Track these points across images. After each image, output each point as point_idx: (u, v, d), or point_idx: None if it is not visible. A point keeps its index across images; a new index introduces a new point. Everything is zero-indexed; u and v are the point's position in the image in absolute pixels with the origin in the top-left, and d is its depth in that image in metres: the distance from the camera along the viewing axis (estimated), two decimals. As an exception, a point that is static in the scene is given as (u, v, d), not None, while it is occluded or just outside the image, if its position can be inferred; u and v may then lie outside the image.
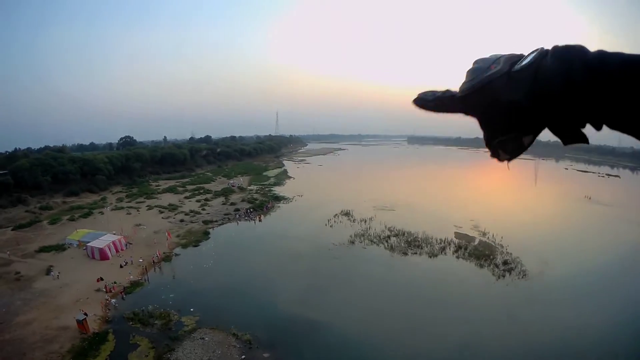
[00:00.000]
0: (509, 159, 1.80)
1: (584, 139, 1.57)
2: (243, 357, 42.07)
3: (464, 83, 1.73)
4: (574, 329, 47.46)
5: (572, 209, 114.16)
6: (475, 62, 1.76)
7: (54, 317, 46.15)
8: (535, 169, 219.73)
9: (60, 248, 69.79)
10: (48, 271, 60.34)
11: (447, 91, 1.79)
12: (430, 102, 1.82)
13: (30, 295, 52.27)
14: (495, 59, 1.69)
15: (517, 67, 1.58)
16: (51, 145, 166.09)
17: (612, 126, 1.44)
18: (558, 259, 70.50)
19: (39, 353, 39.66)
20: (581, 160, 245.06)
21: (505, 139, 1.70)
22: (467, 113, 1.78)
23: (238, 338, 45.30)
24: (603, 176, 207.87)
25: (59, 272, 59.25)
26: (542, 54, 1.53)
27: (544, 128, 1.62)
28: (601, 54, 1.39)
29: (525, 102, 1.54)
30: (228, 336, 45.71)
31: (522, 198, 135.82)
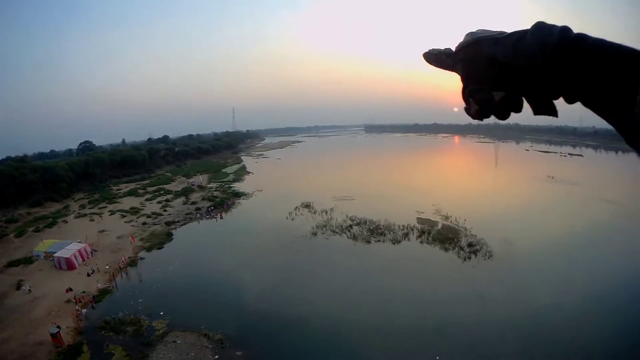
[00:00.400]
0: (479, 113, 1.77)
1: (553, 112, 1.66)
2: (216, 357, 41.71)
3: (460, 42, 1.84)
4: (543, 307, 47.95)
5: (536, 189, 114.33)
6: (477, 30, 1.82)
7: (29, 333, 44.82)
8: (496, 152, 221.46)
9: (28, 261, 67.48)
10: (18, 286, 58.29)
11: (447, 49, 1.89)
12: (433, 56, 1.91)
13: (3, 312, 50.64)
14: (498, 32, 1.75)
15: (504, 35, 1.66)
16: (12, 156, 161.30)
17: (585, 104, 1.52)
18: (523, 239, 71.08)
19: None
20: (542, 141, 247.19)
21: (477, 88, 1.74)
22: (454, 69, 1.84)
23: (210, 338, 44.89)
24: (565, 156, 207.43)
25: (30, 286, 57.37)
26: (528, 30, 1.56)
27: (516, 91, 1.68)
28: (580, 37, 1.44)
29: (502, 58, 1.62)
30: (200, 337, 45.19)
31: (484, 180, 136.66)
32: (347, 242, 76.85)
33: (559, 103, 1.60)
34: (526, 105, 1.67)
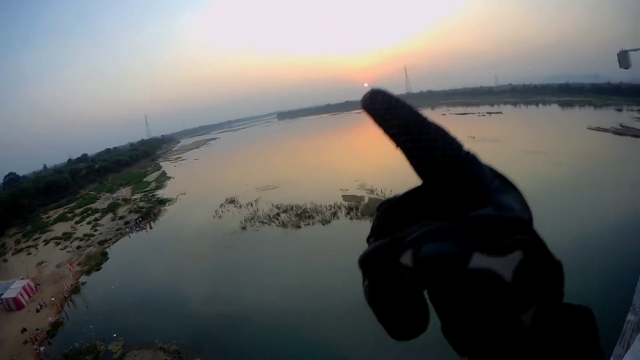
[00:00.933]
0: None
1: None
2: (177, 368, 43.22)
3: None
4: None
5: None
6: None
7: None
8: None
9: None
10: None
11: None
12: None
13: None
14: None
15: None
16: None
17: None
18: None
19: None
20: (458, 104, 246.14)
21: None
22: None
23: (166, 351, 45.77)
24: (484, 115, 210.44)
25: None
26: None
27: None
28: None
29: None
30: (156, 352, 46.04)
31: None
32: (277, 231, 78.41)
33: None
34: None
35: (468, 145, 0.89)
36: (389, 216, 1.03)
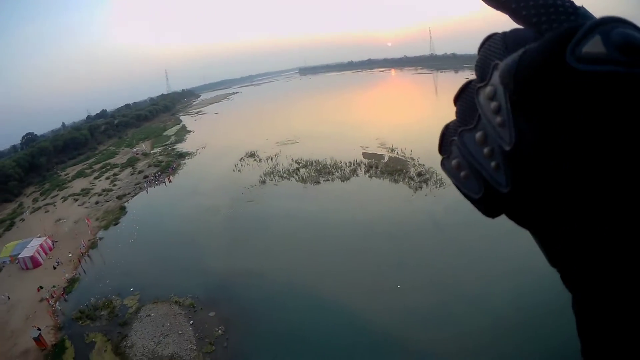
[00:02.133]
0: None
1: None
2: (191, 322, 42.53)
3: None
4: (501, 229, 48.28)
5: None
6: None
7: (12, 345, 44.31)
8: (435, 82, 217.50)
9: None
10: None
11: None
12: None
13: None
14: None
15: None
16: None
17: None
18: None
19: None
20: None
21: None
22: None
23: (181, 305, 45.55)
24: None
25: (7, 295, 55.67)
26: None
27: None
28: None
29: None
30: (171, 305, 45.84)
31: (425, 110, 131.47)
32: (296, 185, 77.61)
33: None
34: None
35: None
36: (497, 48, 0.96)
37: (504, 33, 0.97)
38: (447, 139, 1.19)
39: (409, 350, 33.99)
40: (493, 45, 0.97)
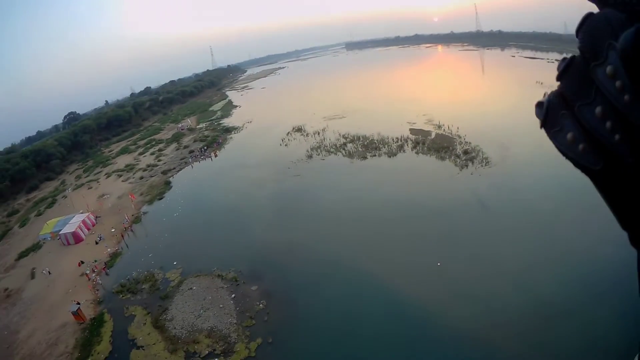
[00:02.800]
0: None
1: None
2: (233, 295, 42.29)
3: None
4: (544, 213, 46.99)
5: (525, 94, 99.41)
6: None
7: (51, 319, 44.70)
8: (481, 59, 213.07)
9: (36, 247, 66.60)
10: (33, 275, 57.53)
11: None
12: None
13: (24, 306, 50.01)
14: None
15: None
16: (0, 149, 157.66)
17: None
18: (518, 144, 69.07)
19: None
20: (527, 47, 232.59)
21: None
22: None
23: (223, 278, 45.53)
24: (552, 62, 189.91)
25: (48, 269, 56.55)
26: None
27: None
28: None
29: None
30: (214, 279, 45.86)
31: (472, 88, 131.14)
32: (343, 160, 77.27)
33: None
34: None
35: (536, 90, 1.06)
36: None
37: (604, 13, 1.06)
38: (555, 112, 1.24)
39: (444, 326, 33.53)
40: (598, 25, 1.05)
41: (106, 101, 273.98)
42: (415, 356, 31.27)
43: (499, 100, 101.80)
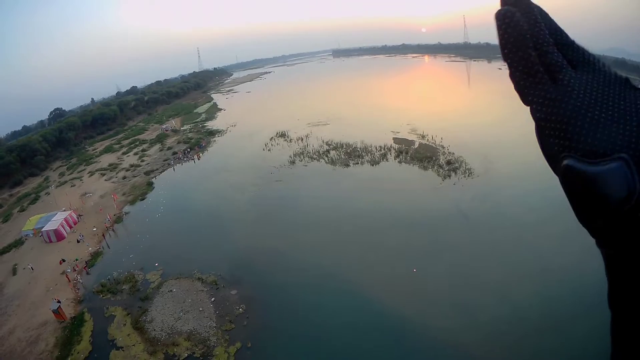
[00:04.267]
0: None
1: None
2: (213, 299, 42.65)
3: None
4: (527, 225, 47.80)
5: (511, 107, 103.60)
6: None
7: (32, 316, 44.47)
8: (468, 70, 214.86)
9: (18, 243, 65.67)
10: (14, 271, 56.73)
11: None
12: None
13: (5, 302, 49.36)
14: None
15: None
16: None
17: None
18: (502, 157, 70.08)
19: (30, 359, 38.55)
20: None
21: None
22: None
23: (203, 282, 45.84)
24: None
25: (30, 265, 55.99)
26: None
27: None
28: None
29: None
30: (194, 282, 46.11)
31: (457, 99, 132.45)
32: (325, 167, 77.86)
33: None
34: None
35: (521, 105, 1.13)
36: None
37: None
38: None
39: (419, 334, 34.42)
40: None
41: (92, 99, 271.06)
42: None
43: (484, 113, 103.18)
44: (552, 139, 1.24)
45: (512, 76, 1.33)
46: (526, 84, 1.30)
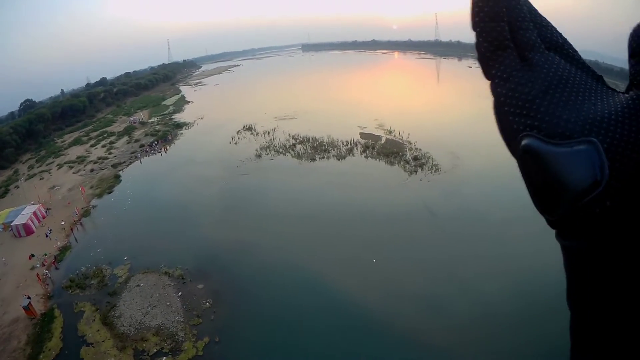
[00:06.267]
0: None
1: None
2: (180, 293, 42.99)
3: None
4: (492, 220, 49.14)
5: (479, 105, 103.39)
6: None
7: (3, 313, 43.89)
8: (437, 68, 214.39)
9: None
10: None
11: None
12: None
13: None
14: None
15: None
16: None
17: None
18: (469, 153, 71.04)
19: (4, 357, 38.04)
20: None
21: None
22: None
23: (170, 276, 45.98)
24: None
25: (4, 259, 55.41)
26: None
27: None
28: None
29: None
30: (161, 276, 46.26)
31: (426, 96, 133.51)
32: (291, 161, 78.35)
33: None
34: None
35: (489, 101, 1.08)
36: None
37: None
38: None
39: (382, 323, 35.37)
40: None
41: (62, 90, 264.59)
42: (358, 352, 32.99)
43: (452, 110, 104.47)
44: (512, 116, 1.15)
45: (479, 46, 1.25)
46: (492, 57, 1.23)
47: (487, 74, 1.25)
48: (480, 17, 1.22)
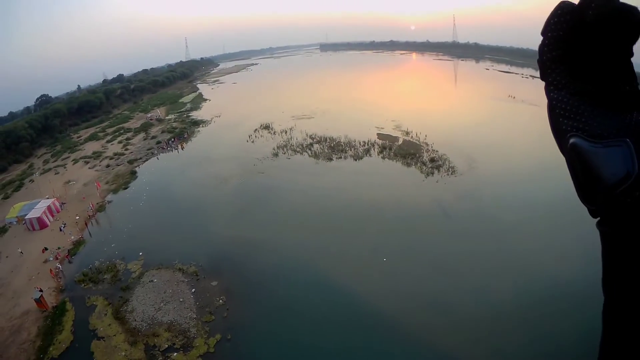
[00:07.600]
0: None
1: None
2: (193, 290, 42.71)
3: None
4: (507, 224, 48.34)
5: (496, 107, 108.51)
6: None
7: (14, 306, 43.90)
8: (455, 70, 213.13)
9: (2, 231, 64.16)
10: None
11: None
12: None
13: None
14: None
15: None
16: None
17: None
18: (486, 156, 70.63)
19: (13, 349, 38.01)
20: (503, 61, 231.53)
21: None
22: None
23: (184, 272, 45.79)
24: (527, 77, 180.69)
25: (20, 249, 55.49)
26: None
27: None
28: None
29: None
30: (175, 272, 46.07)
31: (443, 97, 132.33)
32: (308, 161, 77.95)
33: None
34: None
35: (508, 104, 1.16)
36: None
37: None
38: None
39: (395, 320, 35.38)
40: None
41: (78, 86, 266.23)
42: (370, 349, 32.77)
43: (469, 112, 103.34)
44: (562, 118, 1.38)
45: (542, 51, 1.42)
46: (552, 65, 1.41)
47: (544, 76, 1.45)
48: (559, 27, 1.37)
